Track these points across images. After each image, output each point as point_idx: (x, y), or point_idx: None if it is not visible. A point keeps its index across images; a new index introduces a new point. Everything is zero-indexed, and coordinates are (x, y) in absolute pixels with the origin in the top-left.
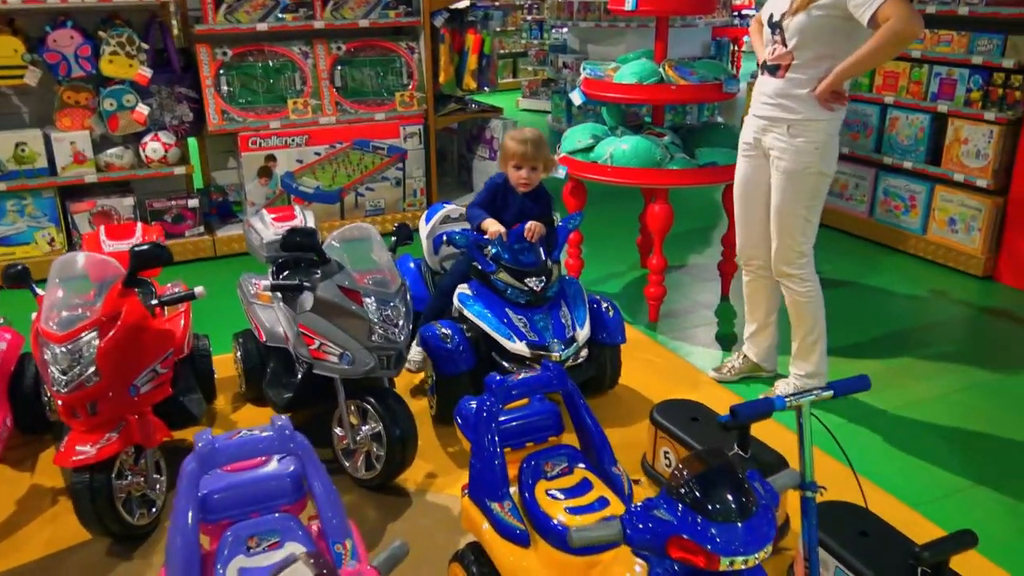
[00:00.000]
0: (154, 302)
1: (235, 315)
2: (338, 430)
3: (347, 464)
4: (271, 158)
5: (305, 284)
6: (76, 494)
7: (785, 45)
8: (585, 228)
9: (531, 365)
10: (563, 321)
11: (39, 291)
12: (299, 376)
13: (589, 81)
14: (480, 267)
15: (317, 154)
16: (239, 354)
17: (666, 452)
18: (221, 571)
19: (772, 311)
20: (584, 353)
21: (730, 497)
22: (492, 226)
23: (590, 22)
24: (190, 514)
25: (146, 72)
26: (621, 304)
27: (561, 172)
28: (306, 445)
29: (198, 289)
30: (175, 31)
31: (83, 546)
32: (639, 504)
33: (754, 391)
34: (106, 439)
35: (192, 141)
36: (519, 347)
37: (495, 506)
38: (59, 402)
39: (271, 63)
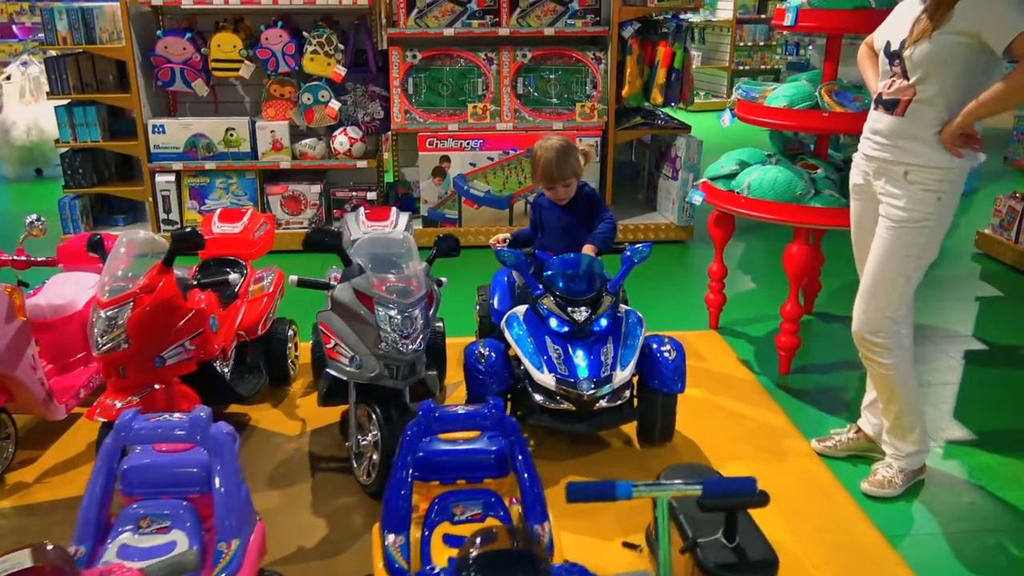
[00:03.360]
0: (193, 283)
1: None
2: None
3: (355, 467)
4: (445, 159)
5: (329, 284)
6: (98, 447)
7: (906, 77)
8: (743, 263)
9: (558, 400)
10: (602, 359)
11: None
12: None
13: (742, 103)
14: (530, 289)
15: (490, 159)
16: (312, 343)
17: None
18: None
19: None
20: (625, 395)
21: None
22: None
23: None
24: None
25: (341, 71)
26: (757, 351)
27: (698, 198)
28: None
29: (232, 276)
30: (376, 34)
31: None
32: (426, 569)
33: (859, 472)
34: (127, 401)
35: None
36: (546, 378)
37: (389, 538)
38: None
39: (457, 67)
